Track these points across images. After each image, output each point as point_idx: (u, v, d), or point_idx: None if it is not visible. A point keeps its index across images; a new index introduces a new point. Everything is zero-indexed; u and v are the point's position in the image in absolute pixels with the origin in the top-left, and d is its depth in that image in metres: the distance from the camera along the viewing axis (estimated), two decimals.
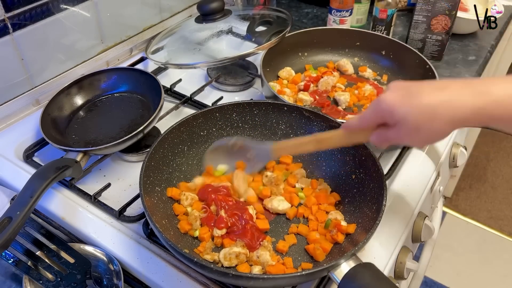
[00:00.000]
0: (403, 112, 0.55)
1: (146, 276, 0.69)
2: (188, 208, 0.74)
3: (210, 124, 0.84)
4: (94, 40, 1.06)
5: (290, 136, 0.85)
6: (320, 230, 0.73)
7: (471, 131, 2.00)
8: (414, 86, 0.56)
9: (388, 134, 0.59)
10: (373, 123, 0.61)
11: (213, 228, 0.71)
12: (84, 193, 0.80)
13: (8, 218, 0.61)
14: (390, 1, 1.16)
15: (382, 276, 0.58)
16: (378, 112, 0.58)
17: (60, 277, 0.67)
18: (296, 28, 1.20)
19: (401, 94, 0.56)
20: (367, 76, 1.09)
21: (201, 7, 1.07)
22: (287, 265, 0.68)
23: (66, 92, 0.95)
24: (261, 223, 0.72)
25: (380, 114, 0.58)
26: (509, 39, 1.61)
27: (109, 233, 0.74)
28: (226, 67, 1.11)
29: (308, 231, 0.73)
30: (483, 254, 2.06)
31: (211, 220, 0.72)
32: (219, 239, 0.70)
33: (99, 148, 0.81)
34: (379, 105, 0.57)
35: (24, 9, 0.88)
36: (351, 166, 0.78)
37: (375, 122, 0.60)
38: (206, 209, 0.74)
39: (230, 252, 0.67)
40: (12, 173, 0.84)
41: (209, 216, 0.72)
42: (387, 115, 0.57)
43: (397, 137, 0.58)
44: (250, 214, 0.72)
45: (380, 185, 0.69)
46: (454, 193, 2.31)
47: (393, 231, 0.77)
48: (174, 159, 0.79)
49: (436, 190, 0.94)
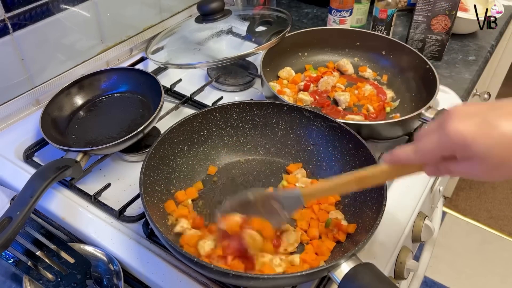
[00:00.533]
0: (483, 146, 0.45)
1: (146, 276, 0.69)
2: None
3: (210, 124, 0.84)
4: (94, 40, 1.06)
5: (290, 136, 0.85)
6: (320, 229, 0.73)
7: None
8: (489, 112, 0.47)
9: (456, 167, 0.50)
10: (437, 157, 0.51)
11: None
12: (84, 193, 0.80)
13: (8, 218, 0.61)
14: (390, 1, 1.16)
15: (382, 276, 0.58)
16: (446, 144, 0.48)
17: (60, 277, 0.67)
18: (296, 28, 1.20)
19: (476, 123, 0.46)
20: (367, 76, 1.09)
21: (201, 7, 1.07)
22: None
23: (66, 92, 0.95)
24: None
25: (450, 147, 0.48)
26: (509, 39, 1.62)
27: (109, 233, 0.74)
28: (226, 67, 1.11)
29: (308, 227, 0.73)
30: (483, 254, 2.06)
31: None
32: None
33: (99, 148, 0.81)
34: (448, 136, 0.47)
35: (24, 9, 0.88)
36: (351, 166, 0.78)
37: (439, 155, 0.50)
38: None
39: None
40: (12, 173, 0.84)
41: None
42: (459, 149, 0.48)
43: (470, 172, 0.49)
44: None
45: (380, 185, 0.69)
46: (454, 193, 2.31)
47: (393, 231, 0.77)
48: (174, 159, 0.79)
49: (436, 190, 0.94)
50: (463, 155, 0.48)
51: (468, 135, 0.46)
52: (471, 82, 1.13)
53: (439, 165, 0.52)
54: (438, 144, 0.49)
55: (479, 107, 0.48)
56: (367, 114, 0.97)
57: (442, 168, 0.52)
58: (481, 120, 0.46)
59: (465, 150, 0.47)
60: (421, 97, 0.97)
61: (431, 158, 0.51)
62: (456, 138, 0.47)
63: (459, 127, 0.46)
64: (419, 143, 0.52)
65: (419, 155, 0.52)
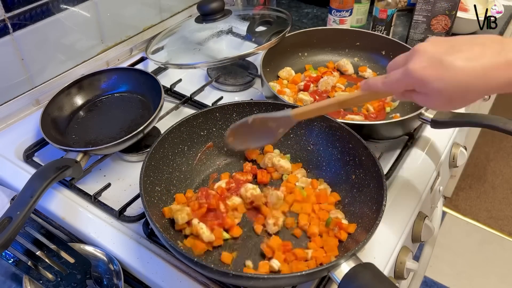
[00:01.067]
0: (436, 86, 0.53)
1: (146, 276, 0.69)
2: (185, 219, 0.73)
3: (210, 124, 0.84)
4: (94, 40, 1.06)
5: (290, 136, 0.85)
6: (321, 228, 0.73)
7: (471, 131, 2.00)
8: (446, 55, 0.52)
9: (415, 98, 0.57)
10: (400, 89, 0.58)
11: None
12: (84, 193, 0.80)
13: (8, 218, 0.61)
14: (390, 1, 1.16)
15: (382, 276, 0.58)
16: (407, 81, 0.55)
17: (60, 277, 0.67)
18: (296, 28, 1.20)
19: (434, 64, 0.53)
20: (367, 76, 1.09)
21: (201, 7, 1.07)
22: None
23: (66, 92, 0.95)
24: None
25: (410, 83, 0.55)
26: None
27: (109, 233, 0.75)
28: (226, 67, 1.11)
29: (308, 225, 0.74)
30: (483, 254, 2.06)
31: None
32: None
33: (99, 148, 0.81)
34: (408, 74, 0.54)
35: (24, 9, 0.88)
36: (351, 166, 0.78)
37: (402, 89, 0.57)
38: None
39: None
40: (12, 173, 0.84)
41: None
42: (417, 85, 0.55)
43: (425, 103, 0.57)
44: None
45: (380, 185, 0.69)
46: (454, 193, 2.32)
47: (393, 231, 0.77)
48: (174, 159, 0.79)
49: (436, 190, 0.94)
50: (421, 90, 0.55)
51: (425, 74, 0.53)
52: None
53: (404, 93, 0.58)
54: (401, 79, 0.56)
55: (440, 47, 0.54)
56: (367, 114, 0.97)
57: (406, 96, 0.59)
58: (438, 62, 0.52)
59: (422, 86, 0.54)
60: None
61: (396, 90, 0.58)
62: (415, 76, 0.54)
63: (418, 67, 0.53)
64: (387, 76, 0.59)
65: (386, 86, 0.59)
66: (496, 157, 2.52)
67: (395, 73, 0.57)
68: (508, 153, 2.55)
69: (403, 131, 0.91)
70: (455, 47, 0.53)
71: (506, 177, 2.41)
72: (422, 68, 0.53)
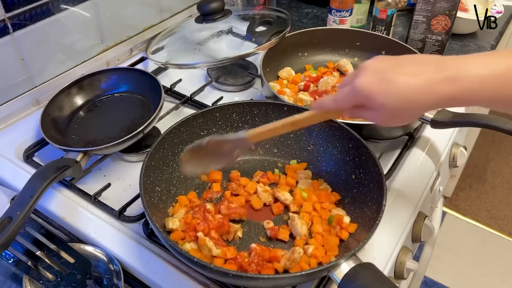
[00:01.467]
0: (381, 100, 0.55)
1: (146, 276, 0.69)
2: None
3: (210, 124, 0.84)
4: (94, 40, 1.06)
5: (290, 136, 0.85)
6: (323, 226, 0.73)
7: (471, 131, 2.00)
8: (390, 71, 0.55)
9: (363, 114, 0.60)
10: (349, 106, 0.60)
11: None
12: (84, 193, 0.80)
13: (8, 218, 0.61)
14: (390, 1, 1.16)
15: (382, 276, 0.58)
16: (354, 96, 0.58)
17: (60, 277, 0.67)
18: (296, 28, 1.20)
19: (378, 80, 0.55)
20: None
21: (201, 7, 1.07)
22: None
23: (66, 92, 0.95)
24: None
25: (357, 99, 0.58)
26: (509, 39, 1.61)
27: (109, 233, 0.75)
28: (226, 67, 1.11)
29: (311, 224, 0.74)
30: (483, 254, 2.06)
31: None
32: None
33: (99, 148, 0.81)
34: (355, 90, 0.57)
35: (24, 9, 0.88)
36: (351, 166, 0.78)
37: (351, 104, 0.60)
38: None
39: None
40: (12, 173, 0.84)
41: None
42: (364, 100, 0.57)
43: (372, 118, 0.59)
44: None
45: (380, 185, 0.69)
46: (454, 193, 2.32)
47: (393, 231, 0.77)
48: (174, 159, 0.79)
49: (436, 190, 0.94)
50: (368, 105, 0.57)
51: (370, 89, 0.55)
52: None
53: (353, 111, 0.61)
54: (349, 95, 0.59)
55: (385, 64, 0.57)
56: None
57: (355, 113, 0.61)
58: (383, 78, 0.55)
59: (368, 101, 0.56)
60: None
61: (345, 106, 0.61)
62: (361, 91, 0.56)
63: (364, 82, 0.56)
64: (336, 93, 0.61)
65: (336, 104, 0.61)
66: (496, 157, 2.52)
67: (344, 90, 0.60)
68: (508, 153, 2.55)
69: (403, 131, 0.91)
70: (400, 64, 0.56)
71: (506, 177, 2.41)
72: (367, 83, 0.56)
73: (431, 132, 0.95)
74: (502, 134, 0.79)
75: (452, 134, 0.98)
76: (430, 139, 0.94)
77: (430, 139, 0.94)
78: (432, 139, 0.94)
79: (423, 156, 0.91)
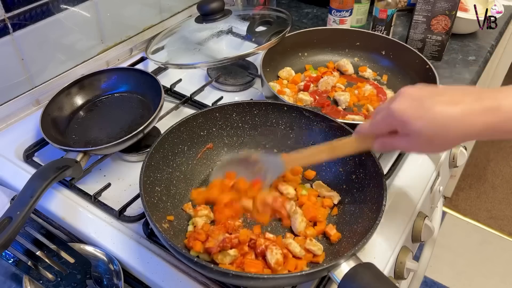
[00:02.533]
0: (417, 126, 0.56)
1: (146, 276, 0.69)
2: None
3: (210, 124, 0.84)
4: (94, 40, 1.06)
5: (290, 136, 0.85)
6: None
7: None
8: (427, 98, 0.56)
9: (396, 142, 0.61)
10: (384, 131, 0.62)
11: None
12: (84, 193, 0.80)
13: (8, 218, 0.61)
14: (390, 1, 1.16)
15: (382, 276, 0.58)
16: (390, 121, 0.59)
17: (60, 277, 0.67)
18: (296, 28, 1.20)
19: (415, 105, 0.56)
20: (367, 76, 1.09)
21: (201, 7, 1.07)
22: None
23: (66, 92, 0.95)
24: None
25: (393, 124, 0.59)
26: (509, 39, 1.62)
27: (109, 233, 0.75)
28: (226, 67, 1.11)
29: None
30: (483, 254, 2.06)
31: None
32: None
33: (99, 148, 0.81)
34: (391, 114, 0.58)
35: (24, 9, 0.88)
36: (351, 166, 0.78)
37: (386, 129, 0.61)
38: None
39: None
40: (12, 173, 0.84)
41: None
42: (399, 126, 0.58)
43: (406, 146, 0.60)
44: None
45: (380, 185, 0.69)
46: (454, 193, 2.32)
47: (393, 231, 0.77)
48: (174, 159, 0.79)
49: (436, 190, 0.94)
50: (403, 131, 0.58)
51: (406, 114, 0.56)
52: (471, 82, 1.13)
53: (387, 140, 0.62)
54: (385, 121, 0.60)
55: (423, 91, 0.58)
56: (367, 114, 0.97)
57: (387, 143, 0.62)
58: (420, 104, 0.56)
59: (404, 126, 0.57)
60: None
61: (380, 130, 0.62)
62: (397, 116, 0.57)
63: (401, 108, 0.57)
64: (372, 118, 0.63)
65: (371, 127, 0.63)
66: (496, 157, 2.52)
67: (380, 114, 0.61)
68: (508, 153, 2.55)
69: None
70: (438, 92, 0.57)
71: (506, 177, 2.41)
72: (403, 108, 0.57)
73: None
74: None
75: None
76: None
77: None
78: None
79: (423, 156, 0.91)
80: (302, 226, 0.72)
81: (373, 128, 0.63)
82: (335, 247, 0.71)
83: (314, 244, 0.69)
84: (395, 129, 0.59)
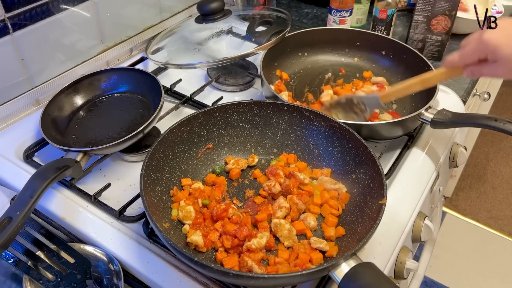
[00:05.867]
0: (506, 52, 0.61)
1: (146, 276, 0.69)
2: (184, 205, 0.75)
3: (210, 124, 0.84)
4: (94, 40, 1.06)
5: (290, 136, 0.85)
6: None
7: (471, 131, 2.00)
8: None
9: (484, 69, 0.66)
10: (475, 60, 0.66)
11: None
12: (84, 193, 0.80)
13: (8, 218, 0.61)
14: (390, 1, 1.16)
15: (383, 276, 0.58)
16: (481, 48, 0.64)
17: (60, 277, 0.67)
18: (296, 28, 1.20)
19: (505, 34, 0.62)
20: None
21: (201, 7, 1.07)
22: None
23: (66, 92, 0.95)
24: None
25: (483, 51, 0.64)
26: None
27: (109, 233, 0.74)
28: (226, 67, 1.11)
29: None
30: (483, 254, 2.06)
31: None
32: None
33: (99, 148, 0.81)
34: (482, 42, 0.63)
35: (24, 9, 0.88)
36: (351, 165, 0.78)
37: (476, 58, 0.66)
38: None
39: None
40: (12, 173, 0.84)
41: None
42: (490, 53, 0.63)
43: (494, 73, 0.65)
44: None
45: (380, 185, 0.69)
46: (454, 193, 2.31)
47: (393, 231, 0.77)
48: (175, 159, 0.79)
49: (436, 190, 0.94)
50: (492, 58, 0.63)
51: (497, 42, 0.62)
52: (471, 82, 1.13)
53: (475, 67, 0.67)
54: (475, 48, 0.65)
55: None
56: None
57: (476, 70, 0.67)
58: (509, 33, 0.62)
59: (493, 53, 0.63)
60: (421, 97, 0.97)
61: (470, 60, 0.67)
62: (488, 44, 0.63)
63: (492, 36, 0.62)
64: (462, 49, 0.68)
65: (462, 58, 0.68)
66: (496, 157, 2.52)
67: (470, 44, 0.66)
68: (508, 153, 2.55)
69: (403, 131, 0.91)
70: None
71: (506, 177, 2.41)
72: (495, 37, 0.62)
73: (431, 132, 0.95)
74: (502, 134, 0.79)
75: (452, 134, 0.98)
76: (430, 139, 0.94)
77: (430, 139, 0.94)
78: (432, 139, 0.94)
79: (423, 156, 0.91)
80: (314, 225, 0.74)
81: (463, 58, 0.67)
82: (335, 246, 0.71)
83: (320, 241, 0.70)
84: (485, 57, 0.64)
